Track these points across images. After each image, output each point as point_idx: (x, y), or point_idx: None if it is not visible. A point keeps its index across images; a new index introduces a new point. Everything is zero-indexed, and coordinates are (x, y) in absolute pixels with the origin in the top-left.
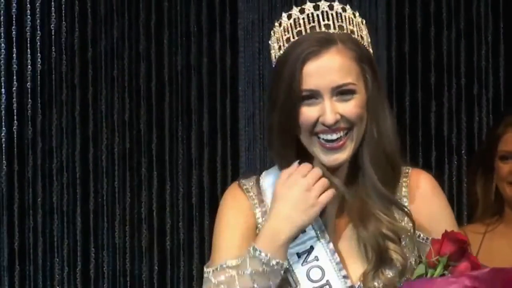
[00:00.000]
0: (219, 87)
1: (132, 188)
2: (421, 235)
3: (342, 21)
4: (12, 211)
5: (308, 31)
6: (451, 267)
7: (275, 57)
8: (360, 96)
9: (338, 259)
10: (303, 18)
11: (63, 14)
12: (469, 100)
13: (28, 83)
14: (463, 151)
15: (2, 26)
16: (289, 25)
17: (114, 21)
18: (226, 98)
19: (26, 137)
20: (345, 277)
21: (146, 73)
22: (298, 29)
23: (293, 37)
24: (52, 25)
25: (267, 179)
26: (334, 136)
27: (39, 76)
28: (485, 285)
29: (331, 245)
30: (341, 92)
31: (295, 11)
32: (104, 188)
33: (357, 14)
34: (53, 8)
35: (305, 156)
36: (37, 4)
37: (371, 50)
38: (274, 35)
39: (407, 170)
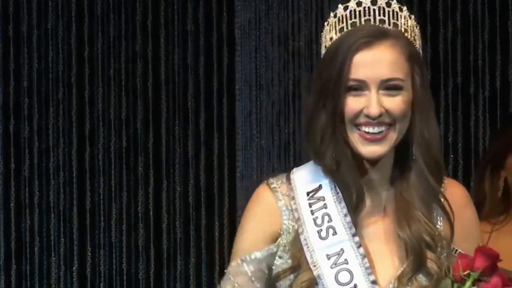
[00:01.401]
0: (216, 85)
1: (129, 187)
2: (452, 247)
3: (397, 20)
4: (8, 210)
5: (363, 23)
6: (481, 283)
7: (325, 47)
8: (407, 93)
9: (368, 264)
10: (359, 11)
11: (60, 13)
12: (465, 99)
13: (25, 82)
14: (459, 150)
15: None
16: (344, 15)
17: (110, 19)
18: (223, 97)
19: (23, 136)
20: (373, 282)
21: (143, 72)
22: (353, 20)
23: (347, 28)
24: (49, 23)
25: (298, 174)
26: (376, 130)
27: (35, 75)
28: None
29: (361, 249)
30: (388, 86)
31: (352, 3)
32: (101, 187)
33: (412, 16)
34: (50, 7)
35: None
36: (34, 2)
37: (421, 54)
38: (327, 25)
39: (443, 179)
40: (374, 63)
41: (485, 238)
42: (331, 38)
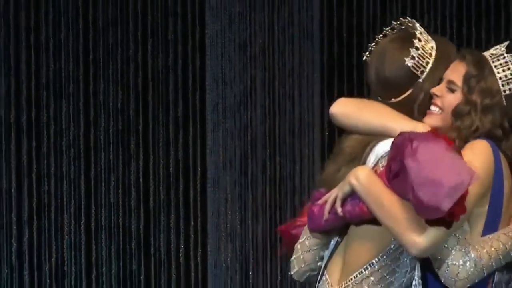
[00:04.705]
0: (190, 82)
1: (124, 160)
2: None
3: None
4: (31, 178)
5: None
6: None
7: None
8: None
9: None
10: None
11: (70, 26)
12: None
13: (43, 79)
14: None
15: (22, 35)
16: None
17: (110, 31)
18: (196, 90)
19: (42, 121)
20: None
21: (134, 71)
22: None
23: None
24: (62, 34)
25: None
26: None
27: (51, 74)
28: None
29: None
30: None
31: None
32: (102, 160)
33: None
34: (62, 21)
35: None
36: (50, 17)
37: None
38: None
39: None
40: None
41: None
42: None
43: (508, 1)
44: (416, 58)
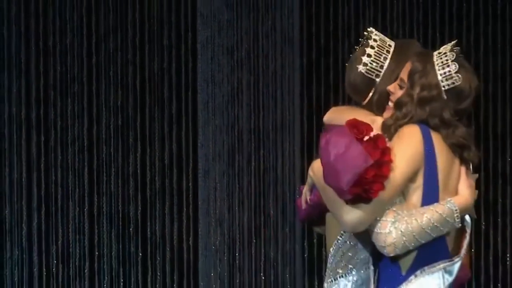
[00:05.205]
0: (183, 83)
1: (123, 153)
2: None
3: None
4: (39, 169)
5: None
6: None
7: None
8: None
9: None
10: None
11: (75, 32)
12: None
13: (51, 80)
14: None
15: (32, 40)
16: None
17: (110, 37)
18: (188, 90)
19: (50, 117)
20: None
21: (133, 73)
22: None
23: None
24: (68, 39)
25: None
26: None
27: (58, 75)
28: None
29: None
30: None
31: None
32: (104, 152)
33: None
34: (68, 28)
35: None
36: (57, 25)
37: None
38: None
39: None
40: None
41: None
42: None
43: (469, 10)
44: (369, 65)
